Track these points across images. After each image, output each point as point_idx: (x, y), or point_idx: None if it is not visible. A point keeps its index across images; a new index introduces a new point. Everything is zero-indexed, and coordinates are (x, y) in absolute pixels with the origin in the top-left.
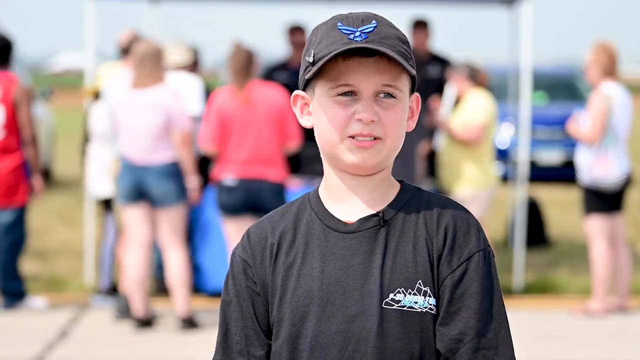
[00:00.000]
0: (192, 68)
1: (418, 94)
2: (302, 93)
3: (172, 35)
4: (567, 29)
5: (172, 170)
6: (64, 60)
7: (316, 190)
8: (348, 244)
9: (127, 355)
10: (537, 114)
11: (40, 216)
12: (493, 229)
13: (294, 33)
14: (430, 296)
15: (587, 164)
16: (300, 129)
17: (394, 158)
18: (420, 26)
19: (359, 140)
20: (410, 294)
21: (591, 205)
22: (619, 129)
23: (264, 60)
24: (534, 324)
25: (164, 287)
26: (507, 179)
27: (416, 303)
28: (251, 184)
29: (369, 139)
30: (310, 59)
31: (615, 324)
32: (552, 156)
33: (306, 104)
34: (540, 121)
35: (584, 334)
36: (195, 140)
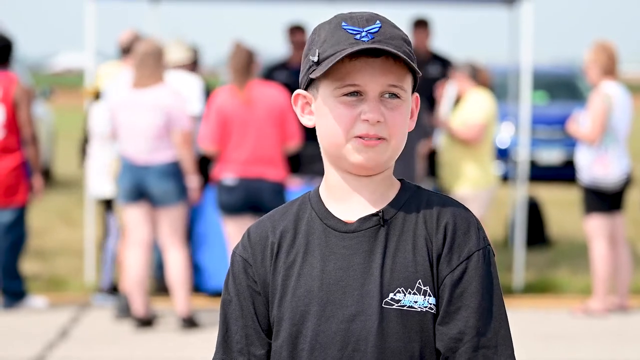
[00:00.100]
0: (192, 67)
1: (417, 94)
2: (304, 92)
3: (172, 35)
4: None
5: (173, 170)
6: (64, 60)
7: (316, 189)
8: (348, 244)
9: (127, 355)
10: (538, 114)
11: (40, 216)
12: (493, 229)
13: (294, 33)
14: (430, 295)
15: (587, 164)
16: (300, 129)
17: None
18: (420, 25)
19: (366, 139)
20: (410, 294)
21: (591, 204)
22: (619, 129)
23: (264, 59)
24: (534, 324)
25: (164, 287)
26: (508, 179)
27: (416, 302)
28: (251, 184)
29: (375, 138)
30: (314, 58)
31: (615, 324)
32: (552, 156)
33: (307, 103)
34: (540, 121)
35: (584, 334)
36: (195, 139)
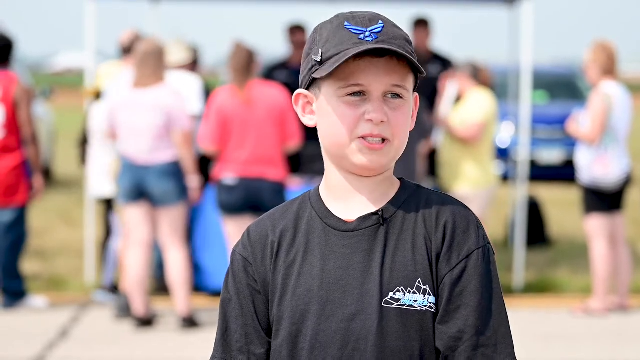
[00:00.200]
0: (192, 67)
1: (417, 94)
2: (305, 92)
3: (172, 34)
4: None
5: (173, 169)
6: (65, 59)
7: (317, 188)
8: (348, 243)
9: (128, 354)
10: (538, 113)
11: (40, 216)
12: (493, 228)
13: (294, 32)
14: (429, 294)
15: (587, 164)
16: (300, 128)
17: None
18: (421, 25)
19: (370, 142)
20: (409, 293)
21: (591, 204)
22: (619, 128)
23: (264, 59)
24: (534, 323)
25: (164, 287)
26: (508, 178)
27: (416, 301)
28: (251, 183)
29: (379, 141)
30: (317, 58)
31: (615, 323)
32: (553, 155)
33: (309, 103)
34: (540, 120)
35: (585, 333)
36: (194, 139)
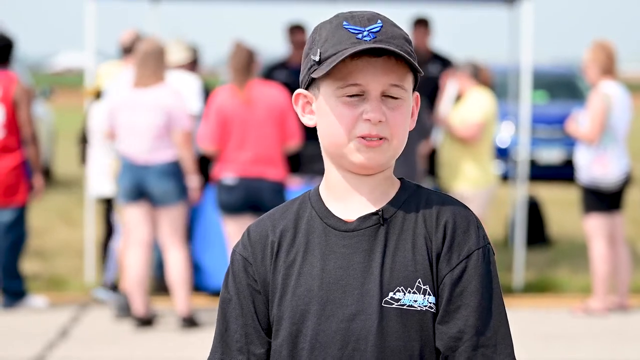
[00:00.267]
0: (191, 67)
1: (417, 93)
2: (305, 92)
3: (172, 34)
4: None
5: (173, 169)
6: (65, 59)
7: (317, 188)
8: (348, 243)
9: (128, 354)
10: (538, 113)
11: (40, 216)
12: (493, 228)
13: (294, 32)
14: (429, 294)
15: (586, 163)
16: (300, 128)
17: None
18: (420, 24)
19: (368, 140)
20: (409, 293)
21: (590, 204)
22: (618, 128)
23: (264, 59)
24: (534, 323)
25: (164, 287)
26: (508, 178)
27: (416, 301)
28: (251, 183)
29: (376, 138)
30: (316, 58)
31: (615, 323)
32: (553, 155)
33: (308, 103)
34: (540, 120)
35: (584, 333)
36: (194, 139)
